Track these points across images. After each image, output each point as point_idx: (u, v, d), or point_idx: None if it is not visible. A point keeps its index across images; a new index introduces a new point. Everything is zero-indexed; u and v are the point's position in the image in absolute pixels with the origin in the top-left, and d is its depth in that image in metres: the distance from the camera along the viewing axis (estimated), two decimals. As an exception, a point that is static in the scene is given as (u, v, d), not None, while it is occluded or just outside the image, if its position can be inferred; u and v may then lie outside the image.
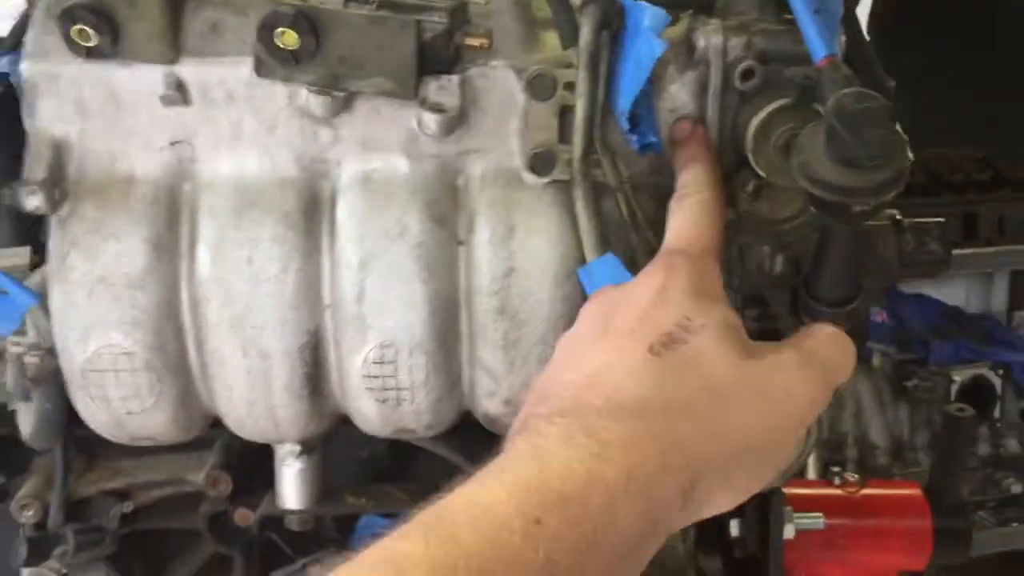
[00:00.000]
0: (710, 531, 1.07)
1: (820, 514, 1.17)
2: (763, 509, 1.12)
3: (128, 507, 0.90)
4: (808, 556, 1.18)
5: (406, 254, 0.66)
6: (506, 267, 0.66)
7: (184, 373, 0.68)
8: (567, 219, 0.66)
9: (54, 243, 0.66)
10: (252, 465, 0.81)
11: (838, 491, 1.27)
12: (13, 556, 0.88)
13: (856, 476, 1.29)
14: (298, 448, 0.74)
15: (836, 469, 1.32)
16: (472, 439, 0.80)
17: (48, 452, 0.87)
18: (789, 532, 1.14)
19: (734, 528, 1.15)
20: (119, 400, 0.68)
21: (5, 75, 0.79)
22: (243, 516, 0.84)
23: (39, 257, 0.78)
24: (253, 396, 0.68)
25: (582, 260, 0.66)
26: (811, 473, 1.61)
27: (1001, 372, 2.41)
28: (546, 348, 0.68)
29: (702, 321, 0.54)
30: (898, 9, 2.96)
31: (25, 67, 0.64)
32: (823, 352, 0.57)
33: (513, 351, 0.68)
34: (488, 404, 0.70)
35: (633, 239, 0.66)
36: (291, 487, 0.76)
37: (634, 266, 0.64)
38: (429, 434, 0.73)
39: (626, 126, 0.63)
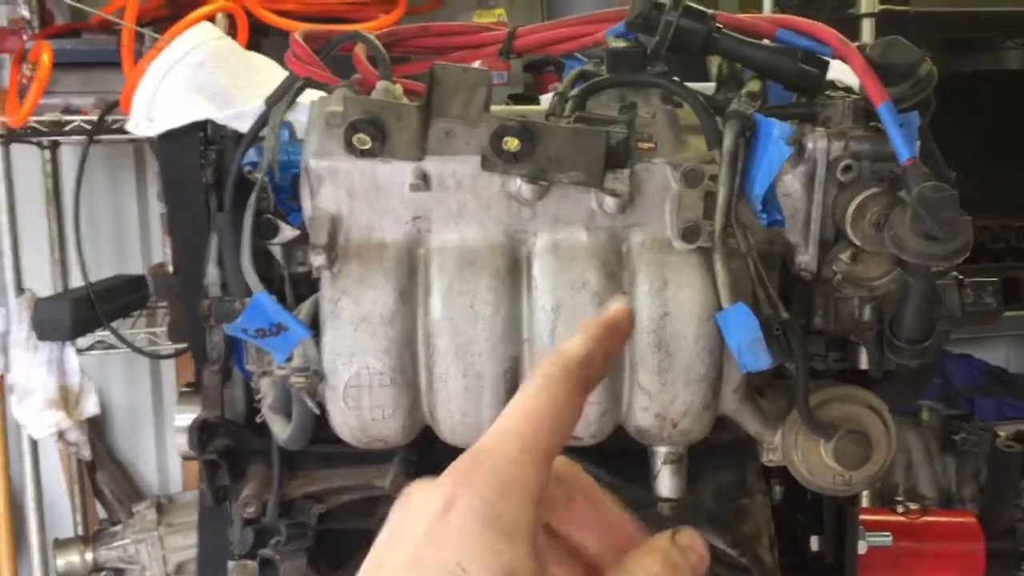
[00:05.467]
0: (791, 546, 1.25)
1: (888, 533, 1.35)
2: (840, 526, 1.31)
3: (322, 508, 1.11)
4: (878, 574, 1.36)
5: (587, 300, 0.88)
6: (661, 311, 0.88)
7: (416, 389, 0.90)
8: (708, 276, 0.88)
9: (328, 291, 0.89)
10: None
11: (902, 518, 1.45)
12: (239, 542, 1.10)
13: (918, 505, 1.47)
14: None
15: (899, 498, 1.50)
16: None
17: (262, 461, 1.10)
18: (862, 548, 1.31)
19: (814, 544, 1.34)
20: (368, 409, 0.89)
21: (252, 163, 1.03)
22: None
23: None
24: (467, 408, 0.90)
25: (719, 307, 0.87)
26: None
27: (1042, 428, 2.54)
28: (690, 372, 0.89)
29: (477, 571, 0.40)
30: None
31: (312, 163, 0.88)
32: None
33: (666, 375, 0.89)
34: (642, 417, 0.92)
35: (758, 292, 0.88)
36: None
37: (758, 313, 0.86)
38: (592, 443, 0.94)
39: (759, 207, 0.86)
